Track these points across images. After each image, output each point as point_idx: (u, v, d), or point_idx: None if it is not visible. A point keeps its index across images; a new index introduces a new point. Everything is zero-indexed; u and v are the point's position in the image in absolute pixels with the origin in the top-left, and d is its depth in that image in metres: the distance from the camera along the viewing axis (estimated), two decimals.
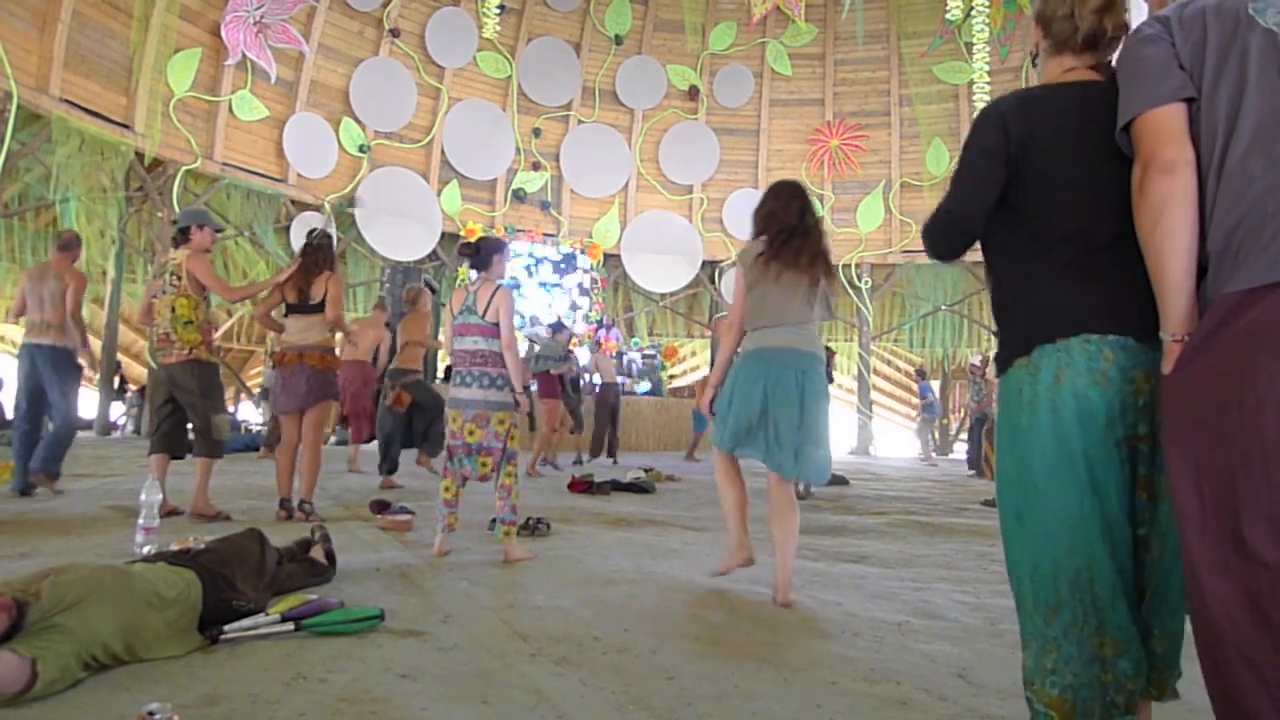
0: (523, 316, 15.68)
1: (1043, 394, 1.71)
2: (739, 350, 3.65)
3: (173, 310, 5.14)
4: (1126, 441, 1.68)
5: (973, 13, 14.02)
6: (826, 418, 3.55)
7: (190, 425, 5.34)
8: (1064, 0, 1.87)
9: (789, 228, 3.52)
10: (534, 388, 9.33)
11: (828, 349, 10.45)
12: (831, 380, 11.45)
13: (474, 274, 4.52)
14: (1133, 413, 1.67)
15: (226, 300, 5.57)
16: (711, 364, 3.49)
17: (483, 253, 4.45)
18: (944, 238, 1.95)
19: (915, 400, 16.71)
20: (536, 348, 10.16)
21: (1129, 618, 1.65)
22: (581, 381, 11.54)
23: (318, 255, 5.37)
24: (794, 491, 3.56)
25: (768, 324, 3.51)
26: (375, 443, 8.07)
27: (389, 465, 7.32)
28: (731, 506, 3.67)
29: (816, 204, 3.61)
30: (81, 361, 6.10)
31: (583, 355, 14.37)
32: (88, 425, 12.21)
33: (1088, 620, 1.63)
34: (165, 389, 5.38)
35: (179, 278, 5.19)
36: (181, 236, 5.33)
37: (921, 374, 16.54)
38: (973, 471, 12.43)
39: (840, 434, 18.72)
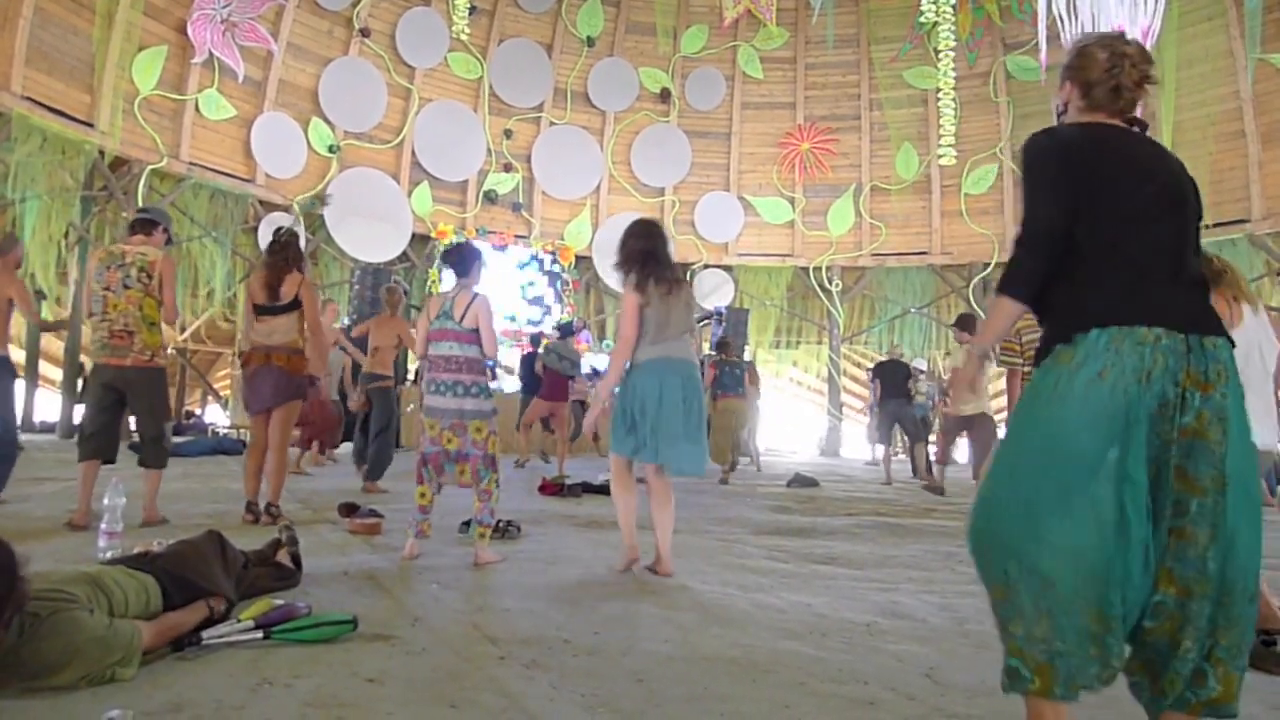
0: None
1: (1079, 387, 1.79)
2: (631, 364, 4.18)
3: (140, 309, 4.87)
4: (1161, 435, 1.76)
5: (939, 19, 14.16)
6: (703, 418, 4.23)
7: (137, 431, 4.93)
8: (1108, 72, 2.00)
9: (650, 256, 4.13)
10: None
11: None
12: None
13: (451, 278, 4.51)
14: (1179, 410, 1.76)
15: (166, 319, 5.15)
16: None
17: (466, 259, 4.48)
18: (1036, 255, 1.92)
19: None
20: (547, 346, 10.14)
21: (1121, 600, 1.74)
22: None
23: (285, 253, 5.26)
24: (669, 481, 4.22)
25: (654, 340, 4.08)
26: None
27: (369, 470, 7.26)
28: (625, 514, 4.21)
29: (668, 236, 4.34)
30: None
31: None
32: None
33: (1085, 596, 1.72)
34: (112, 390, 4.92)
35: (150, 275, 4.88)
36: (145, 228, 5.02)
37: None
38: (925, 483, 9.68)
39: (811, 436, 18.84)
